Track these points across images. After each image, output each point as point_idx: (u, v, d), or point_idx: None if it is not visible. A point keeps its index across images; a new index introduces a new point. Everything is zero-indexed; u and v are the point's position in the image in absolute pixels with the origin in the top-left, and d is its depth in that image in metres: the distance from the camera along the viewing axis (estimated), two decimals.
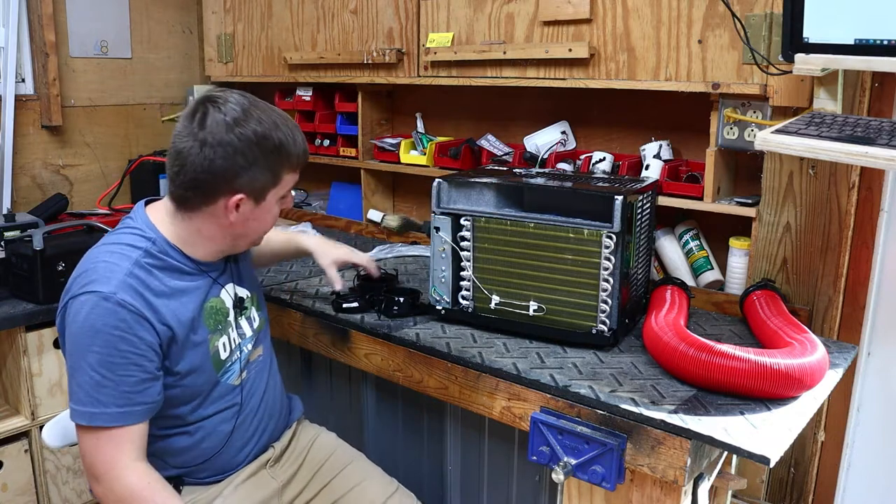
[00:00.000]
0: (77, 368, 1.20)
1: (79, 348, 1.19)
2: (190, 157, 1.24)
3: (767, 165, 1.64)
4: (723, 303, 1.72)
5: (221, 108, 1.24)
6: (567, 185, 1.53)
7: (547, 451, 1.29)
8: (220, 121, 1.23)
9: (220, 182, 1.24)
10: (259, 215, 1.31)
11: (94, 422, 1.19)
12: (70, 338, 1.21)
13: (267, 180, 1.27)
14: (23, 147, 2.48)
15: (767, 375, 1.21)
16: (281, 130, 1.27)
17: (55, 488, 2.15)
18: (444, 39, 2.07)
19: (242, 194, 1.26)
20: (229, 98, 1.26)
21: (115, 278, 1.20)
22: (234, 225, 1.29)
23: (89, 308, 1.18)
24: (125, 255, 1.24)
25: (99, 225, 2.22)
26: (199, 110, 1.24)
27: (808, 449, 1.72)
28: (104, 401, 1.18)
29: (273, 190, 1.29)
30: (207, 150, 1.22)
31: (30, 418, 2.05)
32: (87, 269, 1.23)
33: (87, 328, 1.18)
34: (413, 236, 2.32)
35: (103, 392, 1.18)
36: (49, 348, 2.05)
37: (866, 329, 1.62)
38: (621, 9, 1.73)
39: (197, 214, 1.29)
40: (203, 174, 1.24)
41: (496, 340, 1.51)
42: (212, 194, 1.26)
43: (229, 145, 1.22)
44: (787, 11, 1.38)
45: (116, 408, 1.19)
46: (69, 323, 1.21)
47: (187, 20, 2.91)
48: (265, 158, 1.25)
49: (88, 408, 1.19)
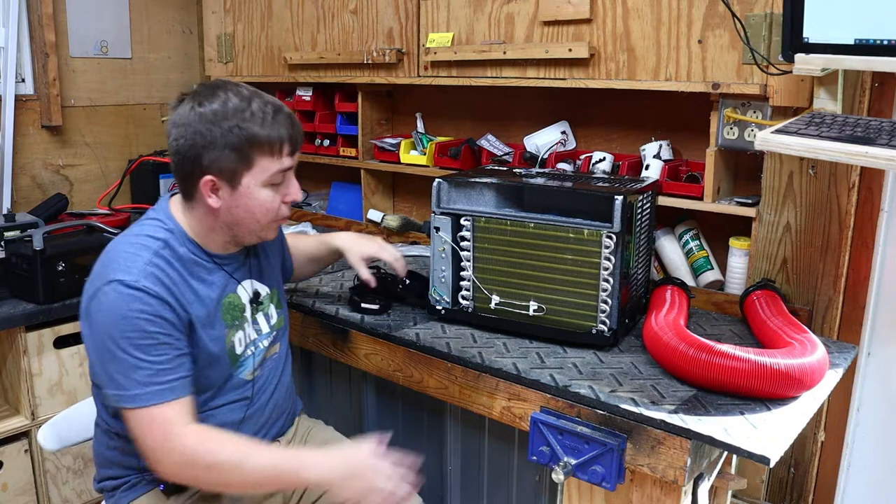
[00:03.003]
0: (110, 356, 1.19)
1: (110, 337, 1.18)
2: (168, 142, 1.27)
3: (767, 165, 1.64)
4: (723, 303, 1.72)
5: (197, 92, 1.25)
6: (567, 185, 1.53)
7: (547, 451, 1.29)
8: (189, 103, 1.24)
9: (188, 164, 1.25)
10: (241, 202, 1.27)
11: (139, 402, 1.18)
12: (98, 328, 1.20)
13: (234, 162, 1.24)
14: (23, 147, 2.48)
15: (767, 375, 1.22)
16: (250, 111, 1.23)
17: (55, 488, 2.15)
18: (444, 39, 2.07)
19: (212, 176, 1.24)
20: (211, 83, 1.27)
21: (136, 267, 1.21)
22: (218, 211, 1.28)
23: (114, 297, 1.18)
24: (145, 246, 1.25)
25: (99, 225, 2.22)
26: (179, 98, 1.27)
27: (808, 449, 1.72)
28: (144, 381, 1.18)
29: (248, 174, 1.25)
30: (174, 131, 1.25)
31: (30, 418, 2.05)
32: (108, 261, 1.23)
33: (115, 316, 1.18)
34: (413, 236, 2.32)
35: (141, 373, 1.18)
36: (49, 348, 2.05)
37: (866, 329, 1.62)
38: (621, 9, 1.73)
39: (193, 204, 1.30)
40: (175, 156, 1.27)
41: (496, 340, 1.51)
42: (189, 178, 1.26)
43: (189, 125, 1.23)
44: (787, 11, 1.38)
45: (157, 386, 1.19)
46: (94, 313, 1.20)
47: (187, 20, 2.91)
48: (224, 137, 1.22)
49: (132, 391, 1.18)
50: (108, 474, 1.37)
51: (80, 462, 2.20)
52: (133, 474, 1.35)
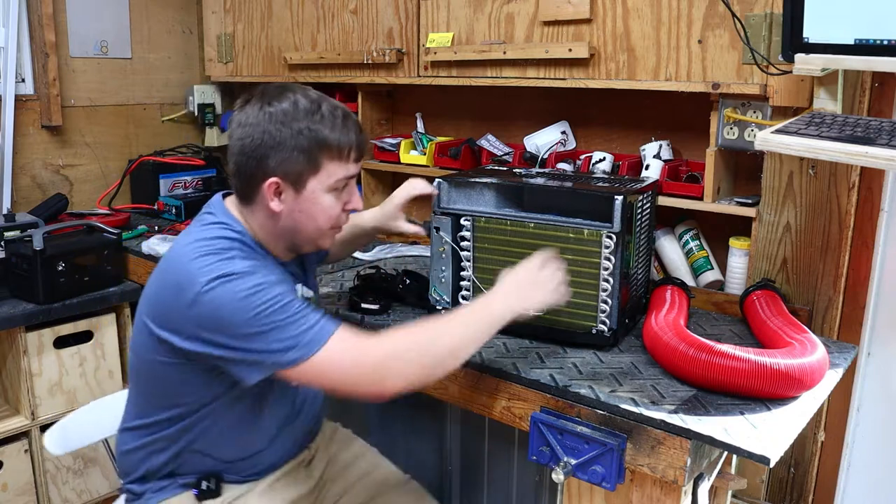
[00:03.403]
0: (260, 336, 1.14)
1: (247, 322, 1.14)
2: (231, 142, 1.25)
3: (767, 165, 1.64)
4: (723, 303, 1.72)
5: (264, 92, 1.24)
6: (567, 185, 1.53)
7: (547, 451, 1.29)
8: (256, 102, 1.23)
9: (253, 164, 1.22)
10: (304, 206, 1.25)
11: (317, 342, 1.15)
12: (231, 322, 1.15)
13: (301, 165, 1.22)
14: (23, 147, 2.48)
15: (767, 375, 1.21)
16: (321, 114, 1.23)
17: (55, 488, 2.15)
18: (444, 39, 2.07)
19: (277, 178, 1.22)
20: (278, 85, 1.26)
21: (230, 261, 1.18)
22: (280, 216, 1.25)
23: (229, 287, 1.15)
24: (224, 246, 1.21)
25: (99, 225, 2.22)
26: (245, 98, 1.25)
27: (808, 449, 1.72)
28: (307, 326, 1.16)
29: (314, 178, 1.23)
30: (239, 131, 1.23)
31: (30, 418, 2.05)
32: (195, 268, 1.17)
33: (245, 300, 1.14)
34: (413, 236, 2.32)
35: (299, 324, 1.16)
36: (49, 348, 2.06)
37: (866, 329, 1.62)
38: (621, 9, 1.73)
39: (253, 207, 1.27)
40: (239, 156, 1.24)
41: (496, 340, 1.51)
42: (252, 180, 1.24)
43: (257, 124, 1.21)
44: (787, 11, 1.38)
45: (318, 323, 1.17)
46: (220, 314, 1.15)
47: (187, 20, 2.91)
48: (294, 139, 1.21)
49: (304, 339, 1.15)
50: (135, 476, 1.36)
51: (80, 462, 2.20)
52: (162, 475, 1.34)
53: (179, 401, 1.29)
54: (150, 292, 1.27)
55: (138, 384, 1.35)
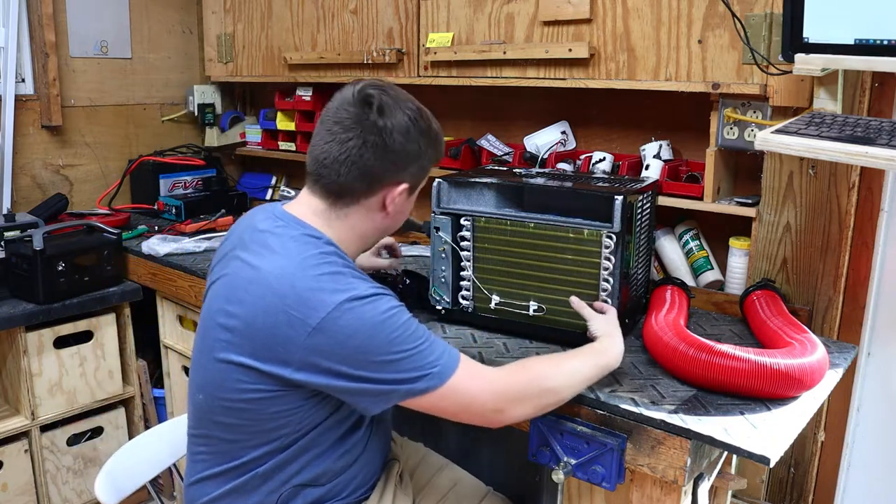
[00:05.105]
0: (390, 365, 1.11)
1: (377, 349, 1.10)
2: (356, 142, 1.19)
3: (767, 165, 1.64)
4: (723, 303, 1.72)
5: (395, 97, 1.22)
6: (567, 185, 1.53)
7: (547, 451, 1.29)
8: (398, 110, 1.21)
9: (392, 168, 1.22)
10: (405, 208, 1.31)
11: (449, 369, 1.14)
12: (364, 349, 1.10)
13: (424, 174, 1.29)
14: (23, 147, 2.48)
15: (767, 375, 1.21)
16: (435, 127, 1.29)
17: (55, 488, 2.15)
18: (444, 39, 2.07)
19: (406, 184, 1.25)
20: (394, 86, 1.25)
21: (349, 280, 1.13)
22: (386, 218, 1.27)
23: (358, 312, 1.09)
24: (331, 263, 1.16)
25: (99, 225, 2.22)
26: (370, 100, 1.20)
27: (808, 449, 1.72)
28: (438, 354, 1.14)
29: (422, 182, 1.31)
30: (385, 137, 1.19)
31: (30, 418, 2.05)
32: (313, 291, 1.11)
33: (371, 328, 1.10)
34: (413, 236, 2.32)
35: (430, 351, 1.13)
36: (49, 348, 2.06)
37: (866, 329, 1.62)
38: (621, 9, 1.73)
39: (353, 209, 1.23)
40: (375, 160, 1.19)
41: (496, 340, 1.51)
42: (379, 182, 1.22)
43: (408, 134, 1.21)
44: (787, 11, 1.38)
45: (448, 350, 1.16)
46: (344, 340, 1.09)
47: (187, 20, 2.91)
48: (431, 157, 1.27)
49: (435, 367, 1.13)
50: None
51: (80, 462, 2.20)
52: None
53: (273, 435, 1.19)
54: (239, 325, 1.15)
55: (216, 427, 1.22)
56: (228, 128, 2.90)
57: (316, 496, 1.25)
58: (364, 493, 1.33)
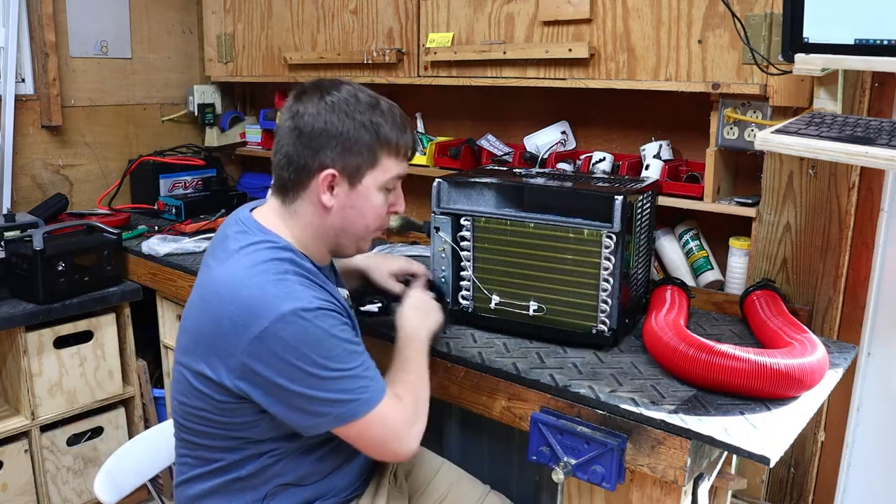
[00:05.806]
0: (318, 382, 1.09)
1: (312, 363, 1.09)
2: (280, 133, 1.20)
3: (767, 165, 1.64)
4: (723, 303, 1.72)
5: (317, 85, 1.20)
6: (567, 185, 1.53)
7: (547, 451, 1.29)
8: (315, 93, 1.19)
9: (309, 154, 1.17)
10: (357, 202, 1.21)
11: (373, 400, 1.14)
12: (290, 362, 1.08)
13: (361, 158, 1.18)
14: (23, 147, 2.48)
15: (767, 375, 1.21)
16: (380, 109, 1.20)
17: (55, 488, 2.15)
18: (444, 39, 2.07)
19: (334, 170, 1.17)
20: (329, 80, 1.22)
21: (296, 291, 1.11)
22: (330, 212, 1.20)
23: (302, 324, 1.08)
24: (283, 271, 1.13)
25: (99, 225, 2.22)
26: (300, 89, 1.21)
27: (808, 449, 1.72)
28: (366, 382, 1.14)
29: (370, 173, 1.20)
30: (297, 120, 1.17)
31: (30, 418, 2.05)
32: (258, 298, 1.09)
33: (311, 341, 1.09)
34: (413, 236, 2.32)
35: (361, 377, 1.13)
36: (49, 348, 2.06)
37: (866, 329, 1.62)
38: (621, 9, 1.73)
39: (299, 204, 1.21)
40: (293, 146, 1.18)
41: (496, 340, 1.51)
42: (304, 172, 1.18)
43: (318, 114, 1.16)
44: (787, 11, 1.38)
45: (378, 380, 1.16)
46: (278, 350, 1.08)
47: (187, 20, 2.91)
48: (357, 130, 1.17)
49: (363, 395, 1.12)
50: None
51: (80, 462, 2.20)
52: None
53: (245, 441, 1.19)
54: (192, 327, 1.17)
55: (189, 432, 1.23)
56: (228, 128, 2.90)
57: (303, 497, 1.26)
58: (354, 493, 1.34)
